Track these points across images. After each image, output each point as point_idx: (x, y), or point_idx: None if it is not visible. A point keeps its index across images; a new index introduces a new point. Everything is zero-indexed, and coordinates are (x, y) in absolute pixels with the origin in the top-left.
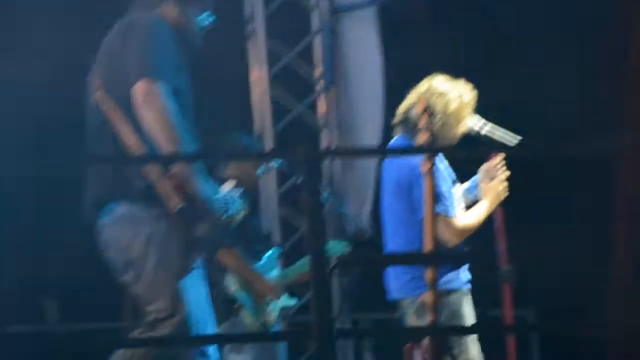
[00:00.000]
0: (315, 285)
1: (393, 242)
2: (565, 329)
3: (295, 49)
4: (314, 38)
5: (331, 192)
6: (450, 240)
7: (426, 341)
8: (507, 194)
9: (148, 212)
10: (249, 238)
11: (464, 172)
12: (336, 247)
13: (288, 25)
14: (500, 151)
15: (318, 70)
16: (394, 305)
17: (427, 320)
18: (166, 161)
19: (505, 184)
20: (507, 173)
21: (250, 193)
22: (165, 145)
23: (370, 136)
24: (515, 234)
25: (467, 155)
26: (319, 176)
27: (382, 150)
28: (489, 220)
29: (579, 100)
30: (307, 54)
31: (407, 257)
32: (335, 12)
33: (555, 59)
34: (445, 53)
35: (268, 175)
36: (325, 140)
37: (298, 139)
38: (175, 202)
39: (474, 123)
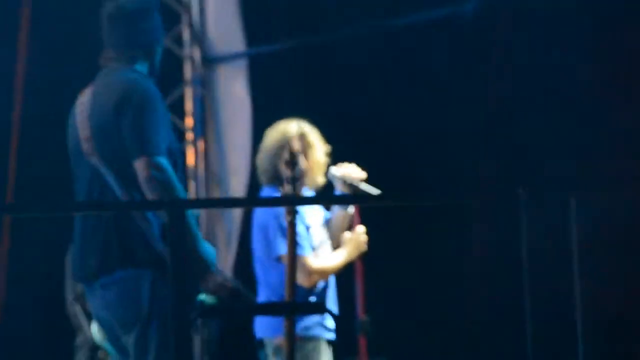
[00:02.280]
0: (177, 336)
1: (260, 286)
2: None
3: (166, 100)
4: (185, 88)
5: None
6: (302, 280)
7: None
8: (366, 248)
9: (151, 274)
10: None
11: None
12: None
13: (161, 74)
14: (361, 201)
15: (188, 121)
16: (259, 345)
17: None
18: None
19: (365, 237)
20: (364, 228)
21: None
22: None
23: (237, 187)
24: (372, 283)
25: (329, 204)
26: (183, 226)
27: (248, 200)
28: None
29: None
30: (179, 104)
31: (266, 307)
32: (208, 62)
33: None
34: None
35: None
36: (193, 191)
37: None
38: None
39: (336, 170)
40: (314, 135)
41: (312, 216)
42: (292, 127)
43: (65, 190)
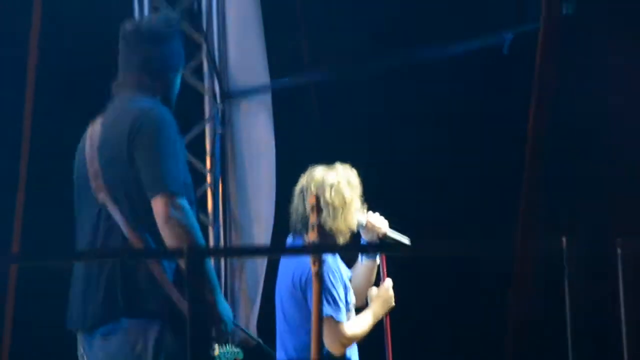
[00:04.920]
0: None
1: (283, 348)
2: None
3: (185, 138)
4: (205, 126)
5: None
6: (334, 348)
7: None
8: (393, 303)
9: (160, 325)
10: None
11: None
12: (226, 355)
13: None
14: (391, 250)
15: (208, 162)
16: None
17: None
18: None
19: (392, 292)
20: (391, 282)
21: None
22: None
23: (261, 235)
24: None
25: (357, 253)
26: (203, 275)
27: (272, 250)
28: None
29: None
30: (197, 143)
31: None
32: (228, 97)
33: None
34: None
35: None
36: (211, 238)
37: None
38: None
39: (362, 215)
40: (341, 177)
41: (346, 275)
42: (323, 173)
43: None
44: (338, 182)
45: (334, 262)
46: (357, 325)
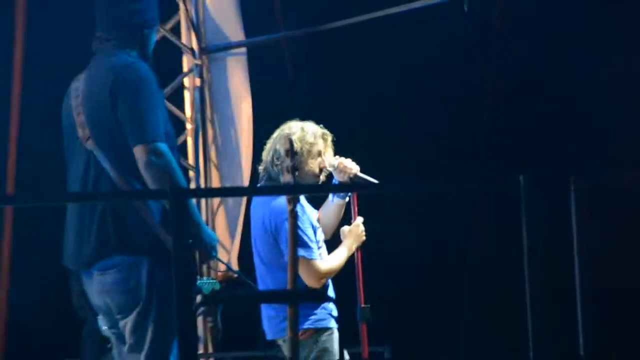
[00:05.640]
0: (180, 322)
1: (263, 283)
2: None
3: (165, 90)
4: (184, 79)
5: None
6: (312, 284)
7: None
8: (364, 237)
9: (150, 261)
10: None
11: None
12: (204, 285)
13: (160, 65)
14: (359, 189)
15: (188, 113)
16: (270, 345)
17: (302, 355)
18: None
19: (363, 228)
20: (362, 219)
21: None
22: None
23: (239, 178)
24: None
25: (330, 192)
26: (185, 216)
27: (249, 190)
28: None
29: None
30: (178, 95)
31: (268, 295)
32: (205, 52)
33: None
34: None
35: None
36: (193, 182)
37: None
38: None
39: (334, 159)
40: (309, 128)
41: (314, 216)
42: (296, 123)
43: (63, 179)
44: (307, 129)
45: (300, 208)
46: (332, 259)
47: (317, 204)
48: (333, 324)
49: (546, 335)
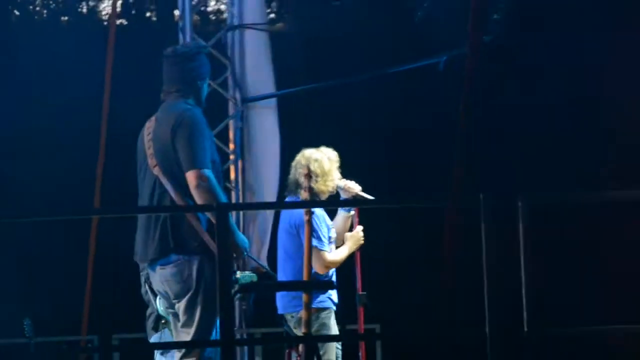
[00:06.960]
0: (222, 306)
1: (283, 272)
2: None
3: (215, 130)
4: (229, 122)
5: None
6: (318, 269)
7: (301, 346)
8: (363, 241)
9: (199, 259)
10: None
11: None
12: (245, 277)
13: (211, 110)
14: (359, 204)
15: (231, 146)
16: (280, 319)
17: (303, 330)
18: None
19: (362, 234)
20: (362, 227)
21: None
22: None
23: (268, 196)
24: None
25: (337, 206)
26: (227, 224)
27: (277, 204)
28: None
29: None
30: (224, 133)
31: (289, 285)
32: (245, 102)
33: None
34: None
35: None
36: (234, 198)
37: None
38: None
39: (340, 181)
40: (323, 155)
41: (330, 222)
42: (311, 152)
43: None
44: (321, 158)
45: (320, 212)
46: (336, 254)
47: (331, 215)
48: (332, 306)
49: (498, 314)
